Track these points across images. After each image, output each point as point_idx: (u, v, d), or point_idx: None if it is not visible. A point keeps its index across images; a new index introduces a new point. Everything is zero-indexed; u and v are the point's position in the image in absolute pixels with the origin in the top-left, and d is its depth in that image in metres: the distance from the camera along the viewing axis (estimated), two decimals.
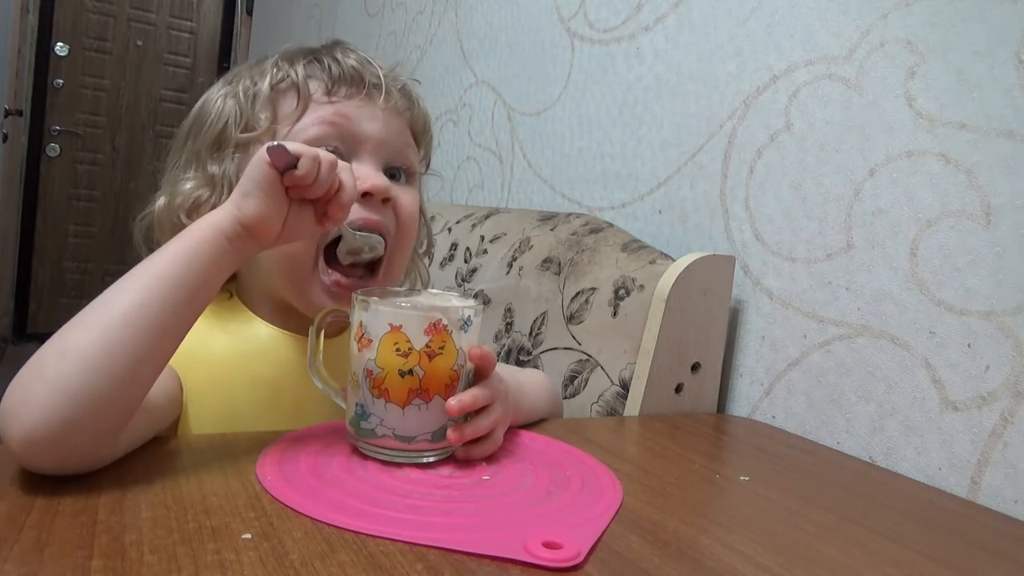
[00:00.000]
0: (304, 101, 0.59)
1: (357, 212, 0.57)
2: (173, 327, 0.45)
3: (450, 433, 0.50)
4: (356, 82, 0.60)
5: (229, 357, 0.59)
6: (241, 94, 0.60)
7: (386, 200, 0.59)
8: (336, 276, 0.58)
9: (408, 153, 0.63)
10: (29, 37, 3.31)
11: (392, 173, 0.62)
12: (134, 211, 0.62)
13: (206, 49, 3.79)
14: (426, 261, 0.74)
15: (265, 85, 0.59)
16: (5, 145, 2.91)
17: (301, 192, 0.49)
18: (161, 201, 0.61)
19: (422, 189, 0.71)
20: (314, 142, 0.56)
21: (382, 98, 0.60)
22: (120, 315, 0.43)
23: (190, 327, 0.47)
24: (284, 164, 0.47)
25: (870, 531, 0.47)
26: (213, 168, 0.60)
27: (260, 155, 0.47)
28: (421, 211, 0.68)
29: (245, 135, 0.59)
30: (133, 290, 0.44)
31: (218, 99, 0.61)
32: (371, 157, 0.60)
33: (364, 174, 0.58)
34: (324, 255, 0.58)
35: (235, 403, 0.58)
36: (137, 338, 0.42)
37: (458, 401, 0.49)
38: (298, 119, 0.59)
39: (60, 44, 3.41)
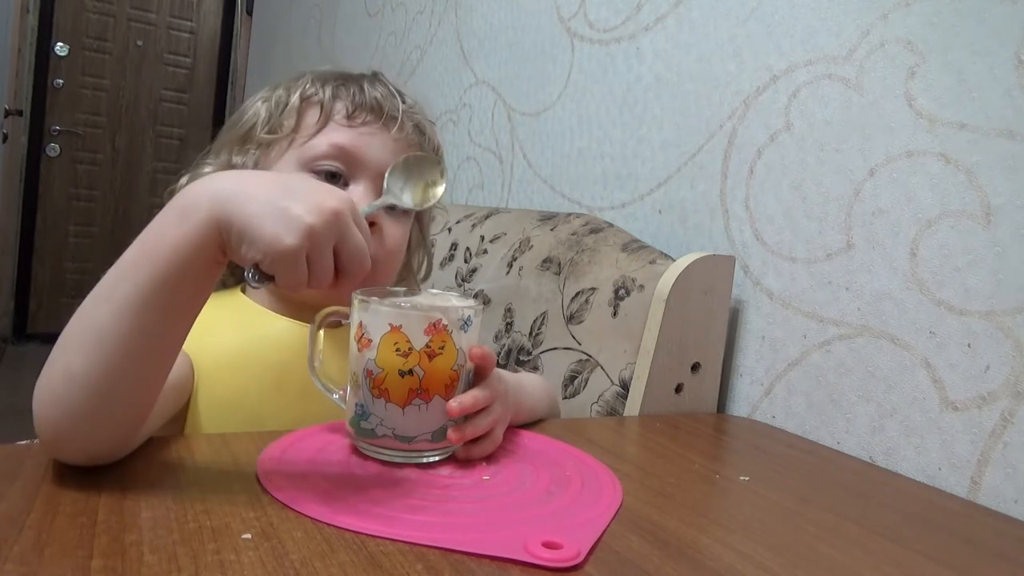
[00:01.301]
0: (325, 117, 0.65)
1: None
2: (172, 340, 0.45)
3: (450, 433, 0.50)
4: (375, 111, 0.66)
5: (237, 341, 0.61)
6: (273, 101, 0.67)
7: (372, 224, 0.61)
8: None
9: None
10: (29, 37, 3.31)
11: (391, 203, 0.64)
12: (134, 211, 0.63)
13: (206, 49, 3.79)
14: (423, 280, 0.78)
15: (296, 97, 0.66)
16: (5, 145, 2.91)
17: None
18: (183, 180, 0.65)
19: (429, 219, 0.76)
20: (321, 158, 0.63)
21: (395, 129, 0.66)
22: (116, 344, 0.41)
23: (191, 326, 0.46)
24: (265, 282, 0.44)
25: (870, 531, 0.47)
26: (236, 159, 0.66)
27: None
28: (423, 237, 0.75)
29: (268, 136, 0.66)
30: (125, 319, 0.41)
31: (256, 102, 0.68)
32: (370, 183, 0.64)
33: (357, 198, 0.62)
34: None
35: (243, 386, 0.59)
36: (137, 361, 0.42)
37: (459, 403, 0.50)
38: (316, 132, 0.64)
39: (60, 44, 3.41)
